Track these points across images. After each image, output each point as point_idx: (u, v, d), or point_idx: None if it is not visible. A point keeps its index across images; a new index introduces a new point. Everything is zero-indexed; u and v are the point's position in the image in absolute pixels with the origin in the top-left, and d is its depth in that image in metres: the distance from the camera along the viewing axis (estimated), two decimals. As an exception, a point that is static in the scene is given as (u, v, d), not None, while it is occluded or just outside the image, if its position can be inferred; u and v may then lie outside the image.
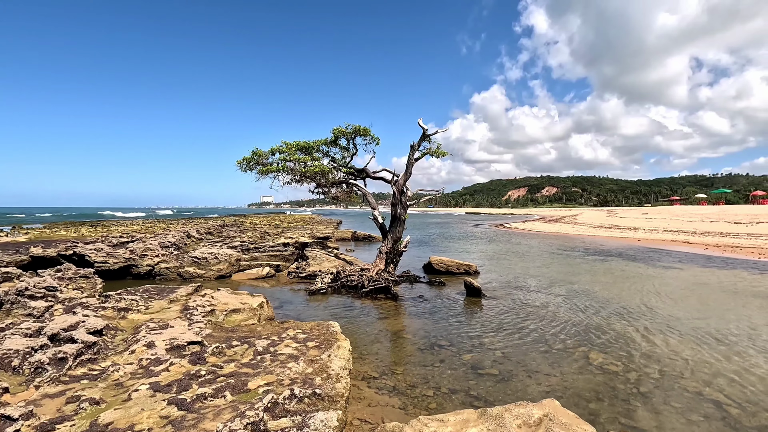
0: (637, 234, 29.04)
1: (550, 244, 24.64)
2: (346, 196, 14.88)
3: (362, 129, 13.03)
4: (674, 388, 4.96)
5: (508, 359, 5.91)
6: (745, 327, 7.48)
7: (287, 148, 12.97)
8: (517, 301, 9.61)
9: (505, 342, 6.65)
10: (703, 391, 4.88)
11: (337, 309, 8.82)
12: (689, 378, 5.26)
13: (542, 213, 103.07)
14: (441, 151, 12.30)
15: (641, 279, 12.46)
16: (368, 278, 10.80)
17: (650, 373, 5.39)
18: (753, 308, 8.86)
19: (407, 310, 8.78)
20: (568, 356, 6.01)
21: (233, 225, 30.72)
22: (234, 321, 5.88)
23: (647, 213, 48.54)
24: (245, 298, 7.22)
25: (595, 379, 5.24)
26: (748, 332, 7.17)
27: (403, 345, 6.54)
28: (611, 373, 5.42)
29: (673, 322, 7.81)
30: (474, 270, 13.44)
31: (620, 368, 5.56)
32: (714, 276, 12.87)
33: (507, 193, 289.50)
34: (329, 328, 5.18)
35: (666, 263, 15.99)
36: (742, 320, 7.92)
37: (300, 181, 13.50)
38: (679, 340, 6.72)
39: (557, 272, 13.82)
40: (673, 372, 5.45)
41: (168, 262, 12.44)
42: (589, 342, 6.65)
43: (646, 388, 4.94)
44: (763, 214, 35.14)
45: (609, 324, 7.66)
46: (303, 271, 12.68)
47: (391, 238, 12.07)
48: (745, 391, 4.90)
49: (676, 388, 4.99)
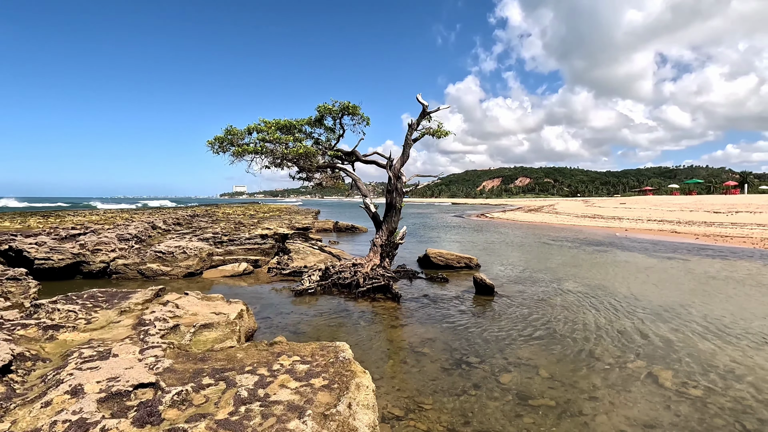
0: (622, 224, 28.75)
1: (539, 234, 23.86)
2: (332, 182, 13.40)
3: (351, 107, 11.54)
4: (785, 422, 3.86)
5: (558, 381, 4.70)
6: (803, 329, 6.56)
7: (266, 127, 11.36)
8: (533, 299, 8.47)
9: (543, 356, 5.45)
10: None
11: (332, 315, 7.42)
12: (794, 405, 4.17)
13: (518, 203, 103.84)
14: (442, 130, 10.96)
15: (652, 272, 11.60)
16: (363, 275, 9.42)
17: (744, 399, 4.29)
18: (793, 305, 8.03)
19: (415, 315, 7.47)
20: (627, 375, 4.85)
21: (205, 215, 28.61)
22: (205, 342, 4.40)
23: (625, 203, 48.98)
24: (220, 305, 5.72)
25: (680, 409, 4.08)
26: (812, 336, 6.23)
27: (423, 363, 5.23)
28: (694, 399, 4.28)
29: (716, 322, 6.83)
30: (475, 263, 12.27)
31: (701, 392, 4.44)
32: (724, 267, 12.17)
33: (482, 184, 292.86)
34: (338, 353, 3.79)
35: (665, 254, 15.31)
36: (793, 320, 7.02)
37: (280, 165, 11.93)
38: (737, 346, 5.70)
39: (561, 264, 12.83)
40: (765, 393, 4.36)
41: (127, 257, 10.67)
42: (643, 353, 5.52)
43: (753, 427, 3.82)
44: (739, 204, 35.73)
45: (653, 329, 6.58)
46: (286, 266, 11.17)
47: (386, 229, 10.71)
48: None
49: (787, 421, 3.88)
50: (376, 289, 9.01)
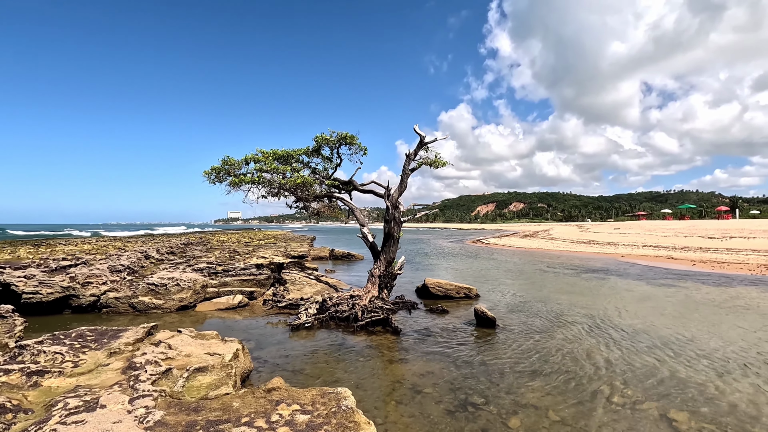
0: (618, 249, 28.77)
1: (536, 262, 23.76)
2: (328, 211, 13.33)
3: (348, 137, 11.59)
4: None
5: (569, 425, 4.49)
6: (813, 363, 6.41)
7: (263, 157, 11.35)
8: (536, 332, 8.28)
9: (550, 395, 5.24)
10: None
11: (331, 351, 7.18)
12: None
13: (513, 228, 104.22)
14: (440, 160, 11.00)
15: (653, 300, 11.46)
16: (362, 308, 9.20)
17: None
18: (799, 336, 7.89)
19: (415, 350, 7.24)
20: (642, 416, 4.66)
21: (199, 243, 28.30)
22: (199, 388, 4.17)
23: (619, 228, 49.23)
24: (215, 345, 5.50)
25: (699, 456, 3.90)
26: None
27: (427, 405, 5.00)
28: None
29: (727, 355, 6.67)
30: (475, 294, 12.09)
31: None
32: (725, 294, 12.07)
33: (476, 209, 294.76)
34: (340, 401, 3.60)
35: (664, 280, 15.23)
36: (802, 353, 6.88)
37: (277, 195, 11.86)
38: (753, 383, 5.53)
39: (560, 293, 12.67)
40: (787, 439, 4.19)
41: (119, 290, 10.39)
42: (655, 393, 5.33)
43: (780, 473, 3.63)
44: (732, 229, 36.02)
45: (661, 364, 6.41)
46: (282, 298, 10.92)
47: (384, 259, 10.57)
48: None
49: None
50: (375, 323, 8.79)
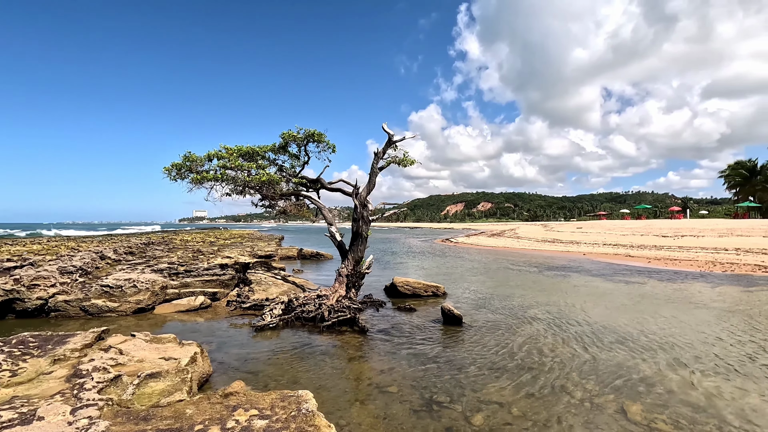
0: (580, 248, 29.84)
1: (502, 260, 24.28)
2: (296, 210, 13.09)
3: (316, 134, 11.41)
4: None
5: (530, 420, 4.56)
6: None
7: (227, 154, 11.00)
8: (502, 329, 8.41)
9: (514, 392, 5.32)
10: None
11: (295, 352, 7.01)
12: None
13: (481, 227, 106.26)
14: (408, 159, 11.00)
15: (612, 296, 11.92)
16: (329, 308, 9.07)
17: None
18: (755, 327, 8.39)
19: (382, 349, 7.20)
20: (599, 410, 4.79)
21: (161, 243, 27.21)
22: (151, 395, 3.95)
23: (581, 227, 51.11)
24: (171, 349, 5.25)
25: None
26: (764, 361, 6.47)
27: (392, 405, 4.96)
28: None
29: (679, 348, 7.00)
30: (442, 292, 12.19)
31: (670, 426, 4.42)
32: (677, 290, 12.72)
33: (446, 208, 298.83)
34: (300, 404, 3.48)
35: (622, 277, 15.89)
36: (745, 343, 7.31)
37: (242, 193, 11.53)
38: (705, 376, 5.82)
39: (525, 290, 12.98)
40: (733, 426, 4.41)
41: (69, 293, 9.79)
42: (612, 386, 5.51)
43: (724, 460, 3.81)
44: (683, 228, 38.11)
45: (616, 358, 6.64)
46: (246, 299, 10.62)
47: (352, 259, 10.46)
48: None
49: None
50: (342, 322, 8.68)
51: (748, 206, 65.62)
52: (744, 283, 14.35)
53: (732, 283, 14.56)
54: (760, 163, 67.66)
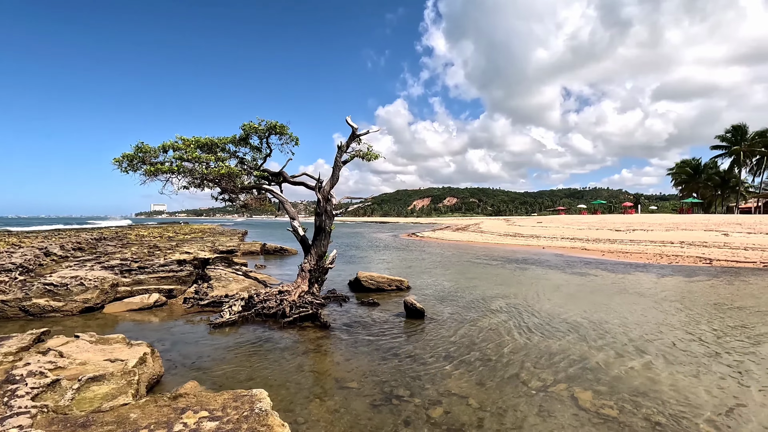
0: (540, 242, 30.89)
1: (466, 254, 24.77)
2: (257, 204, 12.76)
3: (279, 126, 11.15)
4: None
5: (488, 411, 4.65)
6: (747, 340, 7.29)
7: (184, 145, 10.55)
8: (463, 322, 8.56)
9: (473, 383, 5.42)
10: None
11: (254, 350, 6.83)
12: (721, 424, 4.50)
13: (446, 222, 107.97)
14: (372, 153, 10.94)
15: (568, 288, 12.42)
16: (290, 303, 8.91)
17: (650, 416, 4.54)
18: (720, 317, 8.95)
19: (344, 344, 7.14)
20: (553, 399, 4.96)
21: (114, 238, 25.86)
22: (92, 400, 3.71)
23: (542, 222, 52.89)
24: (118, 349, 4.97)
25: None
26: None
27: (351, 400, 4.92)
28: (611, 420, 4.45)
29: (628, 336, 7.37)
30: (406, 286, 12.27)
31: (616, 411, 4.64)
32: (628, 281, 13.42)
33: (412, 203, 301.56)
34: (254, 403, 3.38)
35: (578, 269, 16.59)
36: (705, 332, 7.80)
37: (201, 186, 11.10)
38: (649, 361, 6.15)
39: (486, 283, 13.29)
40: (684, 413, 4.68)
41: (7, 292, 9.09)
42: (565, 374, 5.72)
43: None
44: (635, 223, 40.23)
45: (570, 347, 6.91)
46: (204, 296, 10.25)
47: (315, 253, 10.32)
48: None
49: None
50: (304, 318, 8.55)
51: (692, 202, 70.23)
52: (686, 274, 15.33)
53: (676, 274, 15.51)
54: (703, 163, 72.43)
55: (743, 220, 36.40)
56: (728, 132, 64.52)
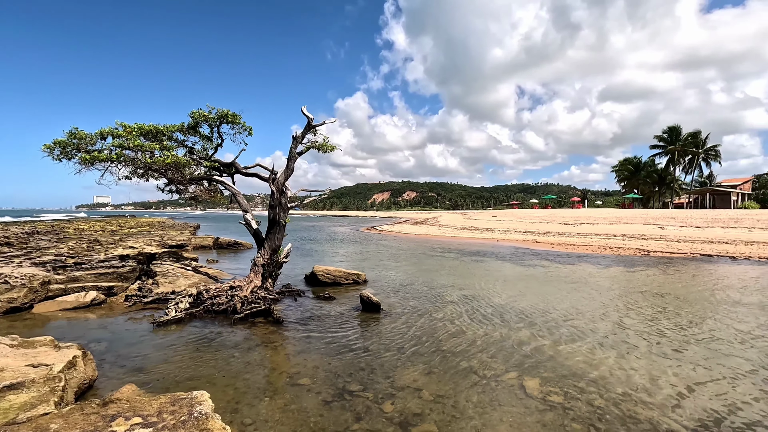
0: (494, 235, 31.87)
1: (424, 247, 25.09)
2: (208, 196, 12.17)
3: (231, 115, 10.66)
4: (638, 420, 4.36)
5: (441, 403, 4.68)
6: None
7: (125, 132, 9.83)
8: (419, 314, 8.62)
9: (427, 375, 5.44)
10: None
11: (201, 348, 6.50)
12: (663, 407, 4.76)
13: (405, 215, 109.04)
14: (328, 144, 10.71)
15: (519, 279, 12.85)
16: (242, 299, 8.58)
17: (593, 401, 4.75)
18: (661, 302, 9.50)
19: (297, 340, 6.97)
20: (503, 388, 5.07)
21: (49, 232, 23.90)
22: (8, 410, 3.34)
23: (497, 216, 54.65)
24: (43, 353, 4.54)
25: (544, 419, 4.34)
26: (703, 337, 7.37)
27: (303, 397, 4.79)
28: (557, 406, 4.61)
29: (575, 325, 7.72)
30: (363, 279, 12.20)
31: (561, 397, 4.81)
32: (573, 271, 14.09)
33: (372, 197, 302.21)
34: (193, 406, 3.17)
35: (530, 261, 17.25)
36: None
37: (144, 176, 10.42)
38: (595, 349, 6.46)
39: (443, 276, 13.50)
40: (616, 396, 4.92)
41: None
42: (514, 363, 5.88)
43: (604, 427, 4.22)
44: (582, 217, 42.46)
45: (521, 336, 7.12)
46: (149, 293, 9.67)
47: (268, 247, 10.01)
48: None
49: (641, 420, 4.39)
50: (256, 314, 8.26)
51: (633, 198, 75.19)
52: (627, 265, 16.34)
53: (618, 264, 16.49)
54: (643, 161, 77.60)
55: (677, 214, 39.37)
56: (665, 133, 69.49)
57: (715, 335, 7.21)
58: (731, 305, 9.40)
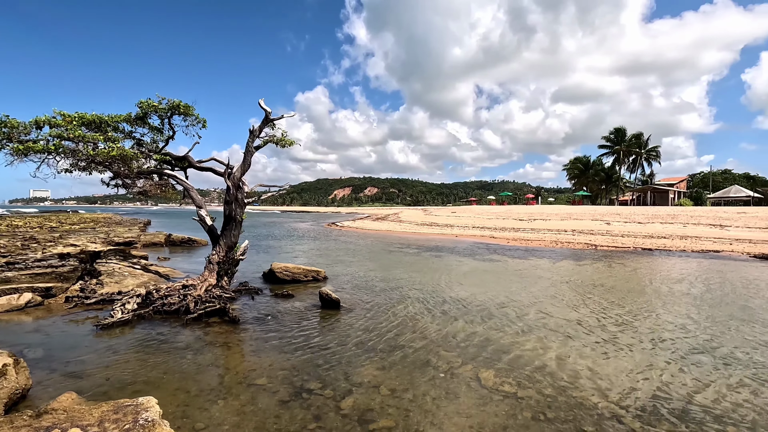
0: (453, 231, 32.55)
1: (384, 243, 25.22)
2: (158, 191, 11.56)
3: (183, 106, 10.18)
4: (587, 405, 4.59)
5: (398, 398, 4.73)
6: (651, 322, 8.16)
7: (64, 122, 9.14)
8: (378, 310, 8.66)
9: (385, 371, 5.47)
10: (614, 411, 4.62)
11: (150, 352, 6.19)
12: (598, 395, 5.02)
13: (367, 211, 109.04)
14: (287, 139, 10.47)
15: (477, 273, 13.22)
16: (195, 298, 8.25)
17: (543, 390, 4.97)
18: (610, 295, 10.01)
19: (254, 339, 6.79)
20: (460, 380, 5.19)
21: (-24, 229, 21.87)
22: None
23: (456, 212, 55.80)
24: (-33, 362, 4.14)
25: (497, 409, 4.49)
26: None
27: (260, 398, 4.67)
28: (510, 396, 4.78)
29: (528, 317, 8.03)
30: (323, 276, 12.08)
31: (514, 387, 5.00)
32: (527, 265, 14.67)
33: (333, 192, 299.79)
34: (139, 413, 3.00)
35: (487, 256, 17.78)
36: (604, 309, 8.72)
37: (87, 169, 9.74)
38: (546, 339, 6.75)
39: (403, 271, 13.63)
40: (576, 386, 5.17)
41: None
42: (470, 356, 6.04)
43: (554, 414, 4.42)
44: (535, 213, 44.22)
45: (476, 329, 7.33)
46: (92, 294, 9.09)
47: (224, 244, 9.67)
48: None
49: (589, 406, 4.62)
50: (210, 313, 7.97)
51: (582, 195, 79.28)
52: (576, 258, 17.22)
53: (568, 258, 17.34)
54: (591, 160, 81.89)
55: (621, 211, 41.87)
56: (611, 134, 73.70)
57: (654, 324, 7.75)
58: (668, 295, 10.13)
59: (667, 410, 4.46)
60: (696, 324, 7.73)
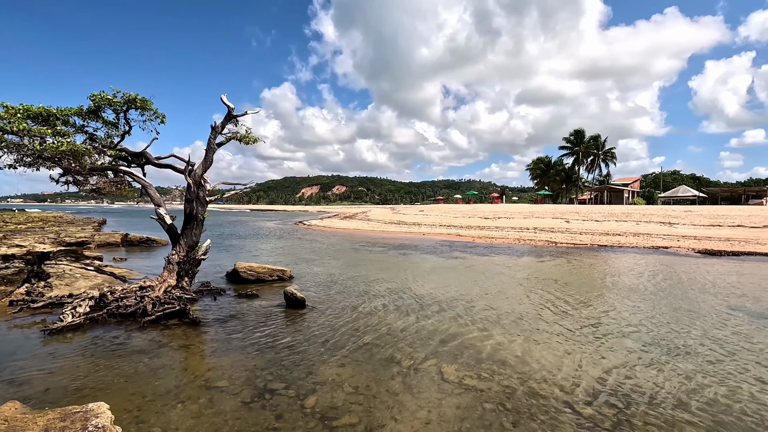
0: (421, 229, 32.92)
1: (352, 241, 25.18)
2: (113, 188, 11.05)
3: (140, 100, 9.78)
4: (545, 400, 4.78)
5: (362, 394, 4.76)
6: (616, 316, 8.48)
7: (7, 114, 8.57)
8: (344, 309, 8.65)
9: (350, 369, 5.49)
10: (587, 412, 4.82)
11: (103, 356, 5.91)
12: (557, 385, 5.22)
13: (335, 210, 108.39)
14: (251, 136, 10.26)
15: (443, 271, 13.45)
16: (153, 300, 7.95)
17: (503, 381, 5.14)
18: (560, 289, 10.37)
19: (215, 340, 6.63)
20: (423, 375, 5.28)
21: None
22: None
23: (423, 210, 56.46)
24: None
25: (460, 402, 4.61)
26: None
27: (221, 401, 4.58)
28: (471, 390, 4.91)
29: (493, 312, 8.26)
30: (289, 275, 11.93)
31: (475, 380, 5.14)
32: (491, 262, 15.08)
33: (301, 191, 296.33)
34: (88, 420, 2.87)
35: (453, 253, 18.11)
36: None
37: (33, 165, 9.21)
38: (513, 336, 6.97)
39: (370, 270, 13.67)
40: (533, 378, 5.36)
41: None
42: (434, 351, 6.15)
43: (512, 405, 4.58)
44: (500, 211, 45.42)
45: (441, 326, 7.47)
46: (40, 297, 8.57)
47: (185, 244, 9.36)
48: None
49: (546, 399, 4.81)
50: (170, 315, 7.71)
51: (544, 194, 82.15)
52: (537, 255, 17.84)
53: (530, 255, 17.94)
54: (553, 160, 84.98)
55: (580, 209, 43.72)
56: (571, 135, 76.73)
57: (608, 317, 8.17)
58: (621, 289, 10.69)
59: (607, 393, 4.73)
60: (642, 314, 8.20)
